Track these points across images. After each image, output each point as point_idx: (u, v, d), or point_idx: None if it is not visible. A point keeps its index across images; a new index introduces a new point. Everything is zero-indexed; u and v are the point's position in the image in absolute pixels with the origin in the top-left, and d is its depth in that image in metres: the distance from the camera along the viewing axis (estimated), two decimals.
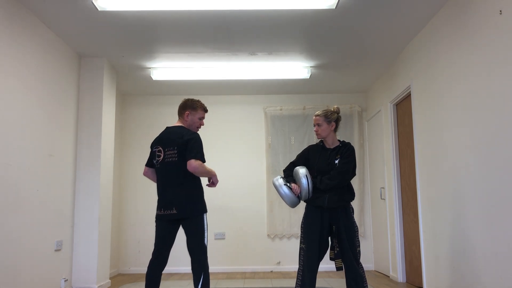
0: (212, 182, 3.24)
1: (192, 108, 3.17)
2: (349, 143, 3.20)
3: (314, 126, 3.21)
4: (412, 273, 4.64)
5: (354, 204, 5.94)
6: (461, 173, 3.39)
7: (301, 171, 3.09)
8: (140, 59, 4.90)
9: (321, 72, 5.40)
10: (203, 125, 3.26)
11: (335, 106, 3.24)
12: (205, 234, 3.02)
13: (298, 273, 3.11)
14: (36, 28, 3.83)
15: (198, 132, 3.18)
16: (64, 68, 4.40)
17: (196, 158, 2.93)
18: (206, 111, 3.25)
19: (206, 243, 3.02)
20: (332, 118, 3.17)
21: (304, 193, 3.06)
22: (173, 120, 6.27)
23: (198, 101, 3.21)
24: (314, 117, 3.21)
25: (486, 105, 3.03)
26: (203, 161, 3.00)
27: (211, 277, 5.48)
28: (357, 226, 3.12)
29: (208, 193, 6.09)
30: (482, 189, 3.07)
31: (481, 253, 3.09)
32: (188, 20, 3.90)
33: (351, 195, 3.16)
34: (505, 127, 2.80)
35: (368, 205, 6.08)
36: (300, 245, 3.13)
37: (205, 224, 3.04)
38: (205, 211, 3.09)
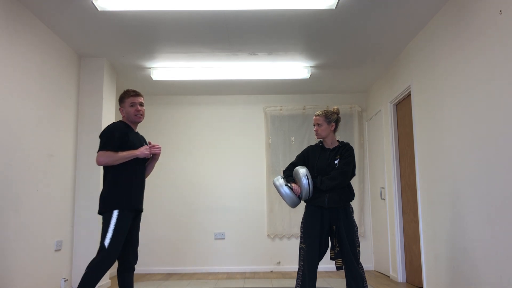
0: (153, 157, 3.11)
1: (121, 102, 3.04)
2: (348, 144, 3.21)
3: (314, 126, 3.22)
4: (412, 273, 4.64)
5: (354, 204, 5.95)
6: (461, 173, 3.39)
7: (302, 171, 3.09)
8: (140, 59, 4.90)
9: (321, 72, 5.40)
10: (140, 110, 3.01)
11: (335, 107, 3.26)
12: (108, 233, 2.76)
13: (298, 273, 3.11)
14: (36, 28, 3.83)
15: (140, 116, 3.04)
16: (64, 68, 4.40)
17: (98, 151, 2.85)
18: (134, 94, 3.02)
19: (106, 243, 2.74)
20: (332, 118, 3.19)
21: (305, 193, 3.06)
22: (173, 120, 6.27)
23: (125, 91, 3.05)
24: (314, 117, 3.22)
25: (486, 105, 3.03)
26: (108, 149, 2.84)
27: (211, 277, 5.48)
28: (356, 225, 3.13)
29: (208, 193, 6.09)
30: (482, 189, 3.08)
31: (481, 253, 3.09)
32: (188, 20, 3.90)
33: (351, 195, 3.16)
34: (505, 126, 2.80)
35: (368, 205, 6.08)
36: (300, 245, 3.14)
37: (113, 222, 2.78)
38: (115, 207, 2.81)
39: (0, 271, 3.25)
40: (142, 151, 2.92)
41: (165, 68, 5.17)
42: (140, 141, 3.09)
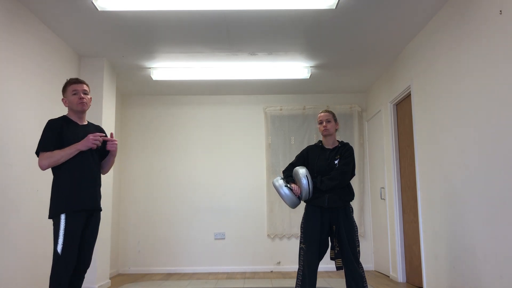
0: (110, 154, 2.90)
1: (63, 91, 2.82)
2: (348, 143, 3.22)
3: (322, 122, 3.21)
4: (412, 273, 4.64)
5: (354, 204, 5.94)
6: (461, 173, 3.39)
7: (301, 171, 3.09)
8: (140, 59, 4.90)
9: (321, 72, 5.40)
10: (83, 97, 2.78)
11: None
12: (59, 239, 2.59)
13: (298, 273, 3.11)
14: (36, 28, 3.83)
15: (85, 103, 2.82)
16: (64, 68, 4.40)
17: (37, 154, 2.69)
18: (77, 81, 2.81)
19: (59, 250, 2.58)
20: (336, 117, 3.26)
21: (305, 193, 3.06)
22: (173, 120, 6.27)
23: (67, 80, 2.85)
24: (323, 114, 3.22)
25: (485, 105, 3.03)
26: (45, 150, 2.66)
27: (211, 277, 5.48)
28: (356, 226, 3.13)
29: (208, 193, 6.10)
30: (482, 189, 3.08)
31: (481, 253, 3.09)
32: (188, 20, 3.90)
33: (351, 195, 3.16)
34: (505, 126, 2.80)
35: (368, 205, 6.08)
36: (300, 245, 3.14)
37: (61, 227, 2.61)
38: (62, 211, 2.63)
39: (0, 270, 3.25)
40: (84, 144, 2.67)
41: (165, 68, 5.17)
42: (86, 133, 2.77)
